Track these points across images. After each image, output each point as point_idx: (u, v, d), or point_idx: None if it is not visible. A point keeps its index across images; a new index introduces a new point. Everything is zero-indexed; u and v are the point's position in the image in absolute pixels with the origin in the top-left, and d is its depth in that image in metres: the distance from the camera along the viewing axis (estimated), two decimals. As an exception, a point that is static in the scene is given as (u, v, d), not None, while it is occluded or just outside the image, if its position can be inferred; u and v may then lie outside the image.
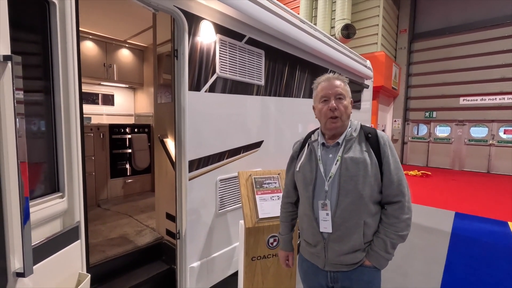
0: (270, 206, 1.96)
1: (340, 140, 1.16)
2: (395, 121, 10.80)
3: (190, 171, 1.85)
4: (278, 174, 2.10)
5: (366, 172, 1.08)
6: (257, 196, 1.96)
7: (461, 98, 9.60)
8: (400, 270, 2.79)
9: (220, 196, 2.10)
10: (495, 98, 9.00)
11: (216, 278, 2.14)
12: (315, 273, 1.22)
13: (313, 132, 1.30)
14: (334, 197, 1.12)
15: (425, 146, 10.44)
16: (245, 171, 2.03)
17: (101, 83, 3.88)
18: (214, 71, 1.95)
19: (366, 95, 4.61)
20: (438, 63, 9.97)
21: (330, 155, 1.16)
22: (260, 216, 1.89)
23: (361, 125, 1.21)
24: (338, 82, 1.17)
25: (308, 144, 1.25)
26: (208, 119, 1.96)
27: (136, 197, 3.61)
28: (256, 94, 2.33)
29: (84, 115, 3.68)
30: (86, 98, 3.85)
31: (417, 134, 10.70)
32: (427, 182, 7.55)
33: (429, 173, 8.53)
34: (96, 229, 2.53)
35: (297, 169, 1.24)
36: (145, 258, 2.19)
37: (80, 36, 3.73)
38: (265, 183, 2.04)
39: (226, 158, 2.12)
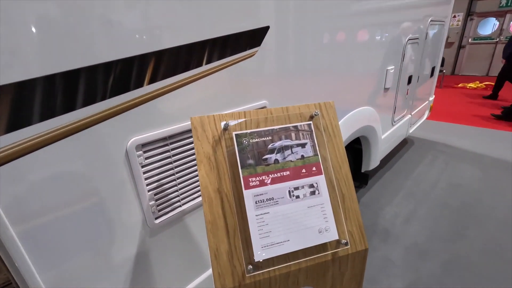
0: (288, 221, 0.67)
1: None
2: (454, 16, 8.07)
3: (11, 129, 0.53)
4: (312, 116, 0.73)
5: None
6: (246, 192, 0.65)
7: None
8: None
9: (150, 188, 0.82)
10: None
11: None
12: None
13: None
14: None
15: (489, 49, 7.93)
16: (214, 115, 0.68)
17: None
18: None
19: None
20: None
21: None
22: (256, 258, 0.63)
23: None
24: None
25: None
26: None
27: None
28: None
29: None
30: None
31: (482, 33, 8.04)
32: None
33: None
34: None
35: None
36: None
37: None
38: (273, 150, 0.70)
39: (151, 82, 0.74)
